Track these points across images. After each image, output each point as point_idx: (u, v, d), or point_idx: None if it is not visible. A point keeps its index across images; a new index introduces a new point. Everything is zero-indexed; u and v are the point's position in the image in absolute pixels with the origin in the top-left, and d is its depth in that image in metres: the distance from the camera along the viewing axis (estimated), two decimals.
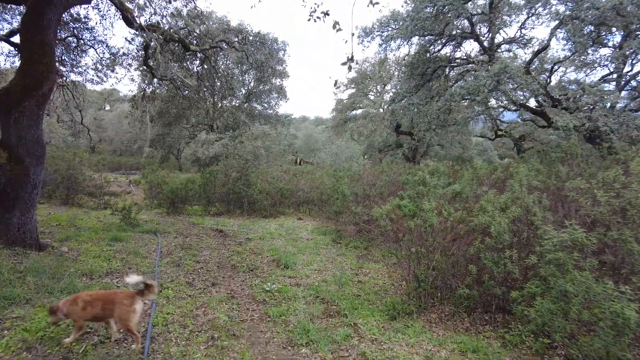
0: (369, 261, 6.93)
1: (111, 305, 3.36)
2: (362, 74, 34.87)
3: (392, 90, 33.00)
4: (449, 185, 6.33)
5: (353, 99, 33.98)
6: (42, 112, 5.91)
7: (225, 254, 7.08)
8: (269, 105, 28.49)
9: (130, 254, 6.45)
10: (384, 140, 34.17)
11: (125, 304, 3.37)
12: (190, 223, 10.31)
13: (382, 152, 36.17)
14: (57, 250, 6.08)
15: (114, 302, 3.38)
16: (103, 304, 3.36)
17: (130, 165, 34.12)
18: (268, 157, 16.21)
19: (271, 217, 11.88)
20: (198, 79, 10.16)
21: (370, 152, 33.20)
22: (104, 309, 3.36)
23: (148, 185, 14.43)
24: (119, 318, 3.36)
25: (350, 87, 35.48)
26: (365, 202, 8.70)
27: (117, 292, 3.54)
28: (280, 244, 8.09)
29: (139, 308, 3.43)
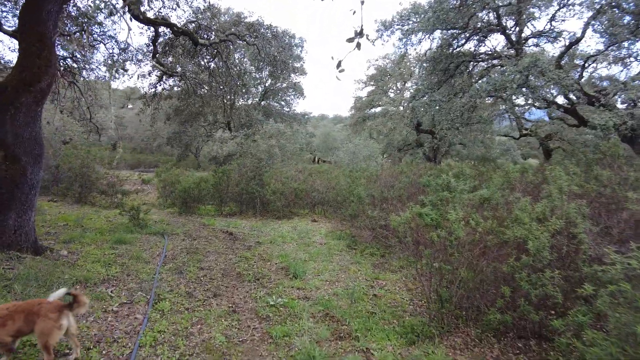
0: (385, 271, 6.38)
1: (34, 318, 2.92)
2: (381, 71, 34.10)
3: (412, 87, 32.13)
4: (475, 189, 5.72)
5: (372, 96, 33.29)
6: (40, 109, 5.62)
7: (232, 259, 6.67)
8: (285, 103, 28.10)
9: (132, 259, 6.11)
10: (404, 138, 33.35)
11: (51, 317, 2.93)
12: (201, 224, 9.98)
13: (401, 151, 35.34)
14: (56, 254, 5.79)
15: (38, 314, 2.93)
16: (26, 317, 2.92)
17: (149, 163, 34.44)
18: (283, 155, 15.80)
19: (285, 218, 11.45)
20: (210, 74, 9.81)
21: (389, 151, 32.46)
22: (27, 321, 2.91)
23: (162, 184, 14.26)
24: (40, 333, 2.91)
25: (369, 84, 34.81)
26: (382, 206, 8.14)
27: (41, 303, 3.05)
28: (292, 249, 7.62)
29: (65, 324, 2.99)
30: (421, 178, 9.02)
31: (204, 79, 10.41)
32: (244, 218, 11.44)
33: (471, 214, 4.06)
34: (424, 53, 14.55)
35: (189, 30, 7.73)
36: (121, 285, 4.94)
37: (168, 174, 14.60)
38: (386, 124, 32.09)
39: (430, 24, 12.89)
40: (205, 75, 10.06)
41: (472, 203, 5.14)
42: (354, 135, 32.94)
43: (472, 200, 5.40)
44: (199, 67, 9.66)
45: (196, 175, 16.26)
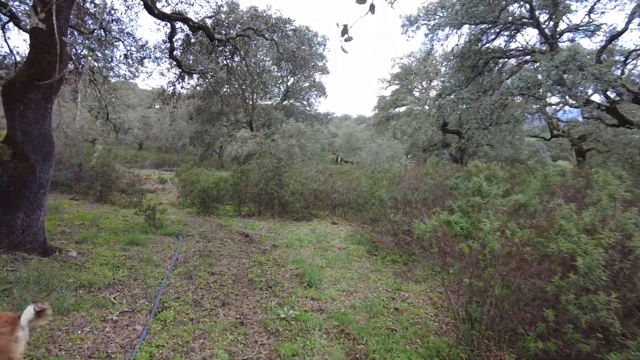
0: (408, 281, 5.90)
1: None
2: (406, 69, 33.33)
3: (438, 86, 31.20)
4: (508, 193, 5.17)
5: (396, 95, 32.59)
6: (49, 106, 5.47)
7: (246, 264, 6.35)
8: (307, 102, 27.80)
9: (142, 262, 5.89)
10: (429, 139, 32.47)
11: (4, 332, 2.57)
12: (218, 225, 9.75)
13: (426, 152, 34.46)
14: (65, 255, 5.63)
15: None
16: None
17: (174, 162, 34.94)
18: (303, 155, 15.47)
19: (303, 220, 11.10)
20: (228, 72, 9.57)
21: (414, 152, 31.68)
22: None
23: (182, 183, 14.21)
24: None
25: (393, 83, 34.09)
26: (405, 209, 7.65)
27: None
28: (308, 253, 7.24)
29: (22, 335, 2.64)
30: (448, 180, 8.46)
31: (222, 77, 10.19)
32: (262, 219, 11.16)
33: (507, 223, 3.55)
34: (451, 49, 13.87)
35: (205, 25, 7.49)
36: (126, 291, 4.69)
37: (188, 173, 14.55)
38: (410, 123, 31.30)
39: (458, 18, 12.24)
40: (224, 73, 9.84)
41: (505, 209, 4.61)
42: (377, 135, 32.31)
43: (506, 206, 4.86)
44: (217, 64, 9.44)
45: (216, 174, 16.18)
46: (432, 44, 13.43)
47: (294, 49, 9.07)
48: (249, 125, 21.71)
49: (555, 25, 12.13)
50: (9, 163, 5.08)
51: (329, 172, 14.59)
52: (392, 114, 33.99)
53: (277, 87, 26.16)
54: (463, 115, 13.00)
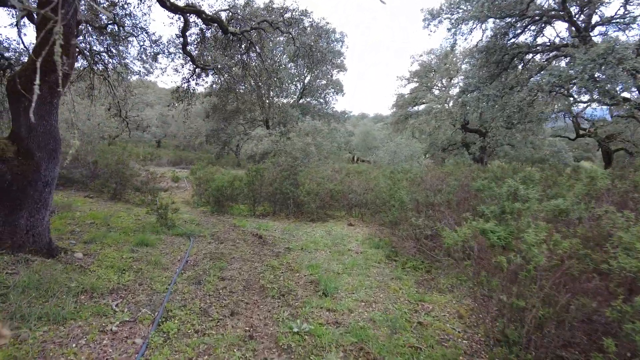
0: (432, 290, 5.45)
1: None
2: (425, 67, 32.56)
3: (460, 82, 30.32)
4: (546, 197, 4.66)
5: (415, 93, 31.83)
6: (56, 101, 5.23)
7: (258, 268, 6.01)
8: (324, 100, 27.38)
9: (149, 264, 5.62)
10: (448, 138, 31.74)
11: None
12: (232, 225, 9.48)
13: (445, 151, 33.70)
14: (70, 256, 5.40)
15: None
16: None
17: (191, 160, 35.10)
18: (319, 154, 15.09)
19: (319, 220, 10.73)
20: (243, 68, 9.26)
21: (433, 151, 30.95)
22: None
23: (196, 181, 14.04)
24: None
25: (412, 81, 33.35)
26: (428, 212, 7.18)
27: None
28: (324, 257, 6.86)
29: None
30: (474, 182, 7.95)
31: (238, 73, 9.90)
32: (276, 219, 10.85)
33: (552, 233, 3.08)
34: (475, 44, 13.25)
35: (219, 17, 7.20)
36: (129, 297, 4.40)
37: (203, 171, 14.37)
38: (430, 122, 30.56)
39: (483, 11, 11.63)
40: (239, 69, 9.54)
41: (543, 216, 4.12)
42: (395, 134, 31.67)
43: (543, 211, 4.37)
44: (232, 60, 9.15)
45: (231, 173, 15.97)
46: (455, 38, 12.84)
47: (311, 43, 8.69)
48: (265, 124, 21.45)
49: (588, 17, 11.38)
50: (12, 160, 4.86)
51: (346, 172, 14.17)
52: (411, 113, 33.27)
53: (294, 85, 25.83)
54: (487, 113, 12.37)
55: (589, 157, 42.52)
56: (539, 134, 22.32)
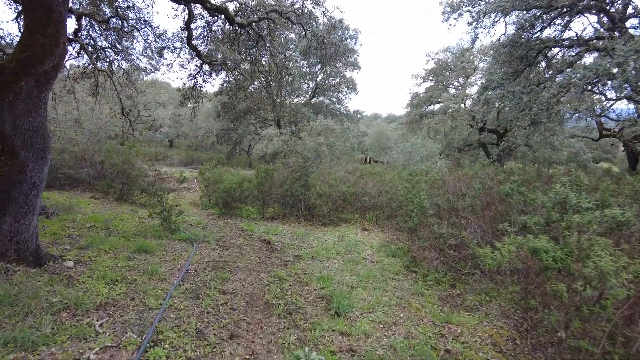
0: (458, 309, 4.83)
1: None
2: (441, 65, 31.75)
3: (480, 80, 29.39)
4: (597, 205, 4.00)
5: (431, 92, 31.02)
6: (44, 95, 4.78)
7: (264, 279, 5.47)
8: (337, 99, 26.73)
9: (145, 274, 5.13)
10: (464, 138, 30.92)
11: None
12: (239, 229, 8.98)
13: (461, 152, 32.85)
14: (60, 265, 4.95)
15: None
16: None
17: (202, 160, 34.90)
18: (332, 155, 14.50)
19: (331, 224, 10.16)
20: (252, 63, 8.76)
21: (448, 152, 30.10)
22: None
23: (205, 182, 13.62)
24: None
25: (427, 79, 32.54)
26: (451, 219, 6.54)
27: None
28: (336, 267, 6.29)
29: None
30: (501, 185, 7.26)
31: (246, 69, 9.41)
32: (286, 223, 10.31)
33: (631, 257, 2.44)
34: (498, 38, 12.50)
35: (225, 7, 6.71)
36: (117, 315, 3.91)
37: (212, 172, 13.95)
38: (446, 122, 29.72)
39: (507, 3, 10.90)
40: (248, 65, 9.05)
41: (597, 229, 3.48)
42: (409, 134, 30.91)
43: (593, 222, 3.71)
44: (240, 54, 8.65)
45: (241, 174, 15.51)
46: (476, 33, 12.11)
47: (323, 35, 8.12)
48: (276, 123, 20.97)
49: (624, 8, 10.53)
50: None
51: (359, 173, 13.56)
52: (426, 112, 32.46)
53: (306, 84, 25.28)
54: (510, 112, 11.60)
55: (607, 158, 40.97)
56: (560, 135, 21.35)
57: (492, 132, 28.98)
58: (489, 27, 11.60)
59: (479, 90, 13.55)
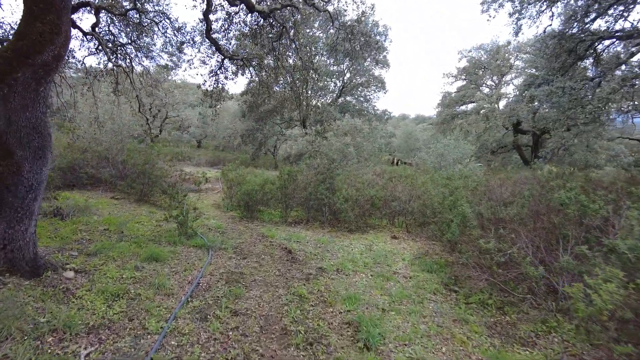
0: (510, 340, 4.02)
1: None
2: (474, 63, 30.37)
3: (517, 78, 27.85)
4: None
5: (463, 91, 29.70)
6: (42, 89, 4.34)
7: (282, 297, 4.83)
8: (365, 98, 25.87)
9: (151, 288, 4.61)
10: (497, 140, 29.51)
11: None
12: (259, 235, 8.42)
13: (494, 154, 31.50)
14: (58, 276, 4.49)
15: None
16: None
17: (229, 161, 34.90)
18: (359, 156, 13.74)
19: (357, 231, 9.44)
20: (275, 58, 8.19)
21: (481, 154, 28.72)
22: None
23: (228, 184, 13.21)
24: None
25: (460, 78, 31.20)
26: (498, 231, 5.69)
27: None
28: (364, 283, 5.57)
29: None
30: (553, 192, 6.33)
31: (270, 65, 8.85)
32: (310, 228, 9.67)
33: None
34: (543, 30, 11.39)
35: None
36: (110, 342, 3.36)
37: (234, 173, 13.52)
38: (479, 122, 28.37)
39: None
40: (271, 60, 8.49)
41: None
42: (440, 135, 29.67)
43: None
44: (263, 48, 8.10)
45: (265, 175, 15.03)
46: (518, 24, 11.04)
47: (353, 24, 7.42)
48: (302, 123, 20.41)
49: None
50: None
51: (388, 175, 12.75)
52: (458, 112, 31.15)
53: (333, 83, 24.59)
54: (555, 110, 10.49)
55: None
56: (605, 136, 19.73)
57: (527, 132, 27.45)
58: (535, 17, 10.52)
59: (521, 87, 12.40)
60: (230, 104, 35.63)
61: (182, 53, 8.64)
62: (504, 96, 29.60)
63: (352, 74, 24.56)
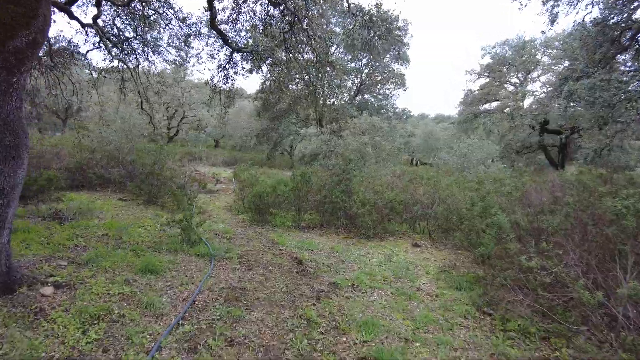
0: None
1: None
2: (499, 59, 29.15)
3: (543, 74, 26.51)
4: None
5: (487, 89, 28.49)
6: (16, 80, 3.81)
7: (288, 321, 4.17)
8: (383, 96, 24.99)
9: (139, 307, 4.04)
10: (521, 140, 28.31)
11: None
12: (269, 241, 7.82)
13: (519, 154, 30.35)
14: (34, 293, 3.96)
15: None
16: None
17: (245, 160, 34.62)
18: (377, 156, 12.98)
19: (375, 238, 8.72)
20: (287, 49, 7.57)
21: (504, 154, 27.53)
22: None
23: (240, 185, 12.70)
24: None
25: (483, 75, 30.00)
26: (539, 245, 4.88)
27: None
28: (383, 303, 4.86)
29: None
30: (602, 199, 5.46)
31: (281, 59, 8.24)
32: (323, 234, 9.01)
33: None
34: (582, 18, 10.38)
35: None
36: None
37: (246, 174, 13.01)
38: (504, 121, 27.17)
39: None
40: (282, 52, 7.88)
41: None
42: (462, 134, 28.56)
43: None
44: (274, 39, 7.49)
45: (278, 176, 14.46)
46: (554, 12, 10.06)
47: (372, 12, 6.71)
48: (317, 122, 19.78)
49: None
50: None
51: (409, 177, 11.95)
52: (481, 111, 29.96)
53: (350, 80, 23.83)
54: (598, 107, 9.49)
55: None
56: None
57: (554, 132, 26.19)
58: (574, 3, 9.52)
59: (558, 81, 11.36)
60: (246, 104, 35.35)
61: (189, 47, 8.12)
62: (529, 94, 28.32)
63: (370, 70, 23.74)
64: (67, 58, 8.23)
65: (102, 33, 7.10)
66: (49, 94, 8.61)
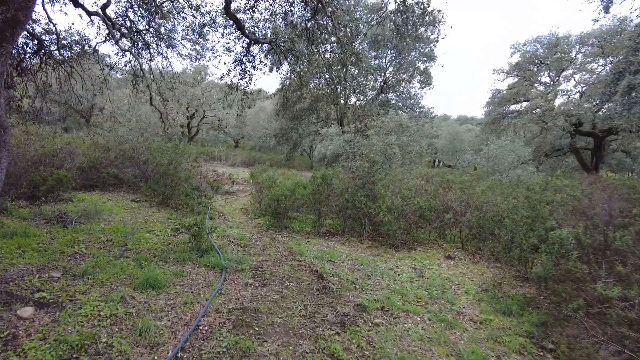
0: None
1: None
2: (529, 58, 27.77)
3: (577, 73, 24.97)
4: None
5: (516, 89, 27.11)
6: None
7: (307, 357, 3.45)
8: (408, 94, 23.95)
9: (131, 334, 3.42)
10: (552, 142, 26.99)
11: None
12: (287, 249, 7.15)
13: (548, 157, 29.01)
14: (10, 315, 3.39)
15: None
16: None
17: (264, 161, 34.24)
18: (404, 158, 12.12)
19: (403, 248, 7.92)
20: (309, 40, 6.89)
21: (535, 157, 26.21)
22: None
23: (257, 187, 12.09)
24: None
25: (511, 74, 28.60)
26: (611, 266, 4.01)
27: None
28: (420, 333, 4.08)
29: None
30: None
31: (302, 50, 7.57)
32: (345, 242, 8.27)
33: None
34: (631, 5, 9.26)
35: None
36: None
37: (264, 175, 12.41)
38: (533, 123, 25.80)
39: None
40: (303, 45, 7.22)
41: None
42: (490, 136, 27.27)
43: None
44: (295, 29, 6.83)
45: (297, 177, 13.79)
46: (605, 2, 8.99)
47: None
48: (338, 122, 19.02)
49: None
50: None
51: (439, 181, 11.07)
52: (509, 111, 28.60)
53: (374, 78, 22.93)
54: None
55: None
56: None
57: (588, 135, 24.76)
58: None
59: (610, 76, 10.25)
60: (266, 104, 34.97)
61: (204, 39, 7.55)
62: (562, 93, 26.84)
63: (395, 68, 22.78)
64: (78, 52, 7.77)
65: (110, 22, 6.59)
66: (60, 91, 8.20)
